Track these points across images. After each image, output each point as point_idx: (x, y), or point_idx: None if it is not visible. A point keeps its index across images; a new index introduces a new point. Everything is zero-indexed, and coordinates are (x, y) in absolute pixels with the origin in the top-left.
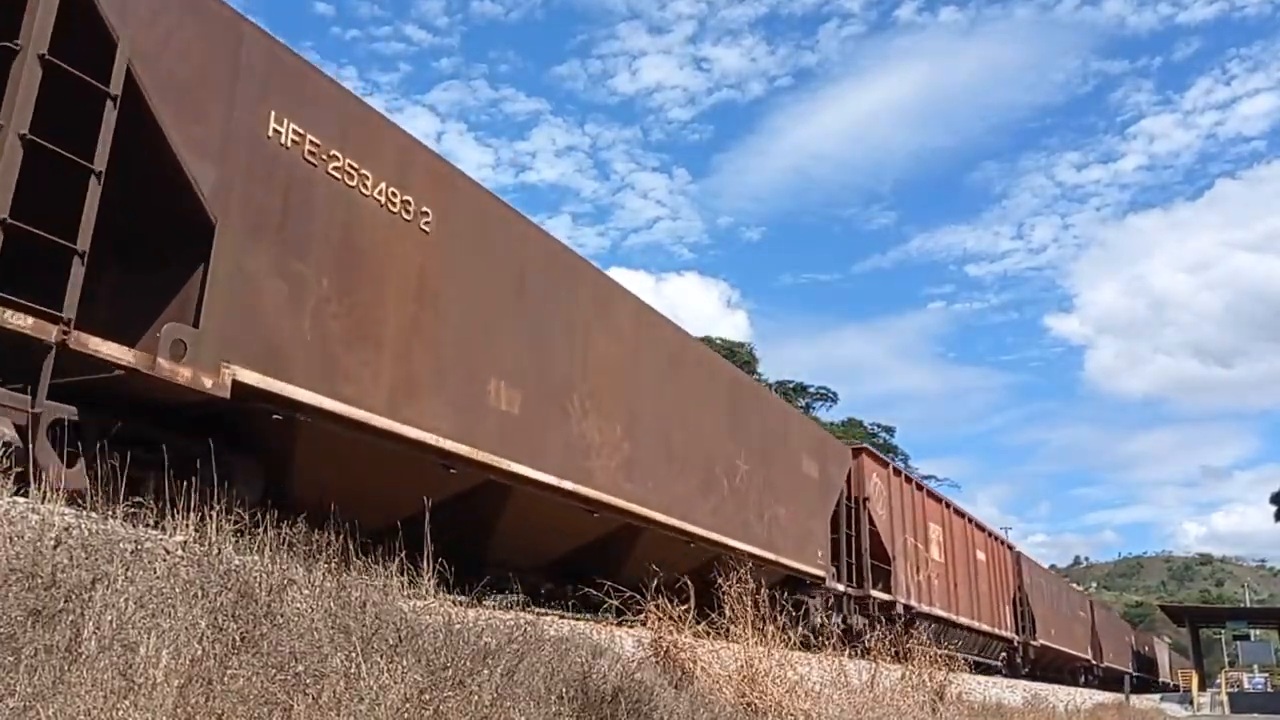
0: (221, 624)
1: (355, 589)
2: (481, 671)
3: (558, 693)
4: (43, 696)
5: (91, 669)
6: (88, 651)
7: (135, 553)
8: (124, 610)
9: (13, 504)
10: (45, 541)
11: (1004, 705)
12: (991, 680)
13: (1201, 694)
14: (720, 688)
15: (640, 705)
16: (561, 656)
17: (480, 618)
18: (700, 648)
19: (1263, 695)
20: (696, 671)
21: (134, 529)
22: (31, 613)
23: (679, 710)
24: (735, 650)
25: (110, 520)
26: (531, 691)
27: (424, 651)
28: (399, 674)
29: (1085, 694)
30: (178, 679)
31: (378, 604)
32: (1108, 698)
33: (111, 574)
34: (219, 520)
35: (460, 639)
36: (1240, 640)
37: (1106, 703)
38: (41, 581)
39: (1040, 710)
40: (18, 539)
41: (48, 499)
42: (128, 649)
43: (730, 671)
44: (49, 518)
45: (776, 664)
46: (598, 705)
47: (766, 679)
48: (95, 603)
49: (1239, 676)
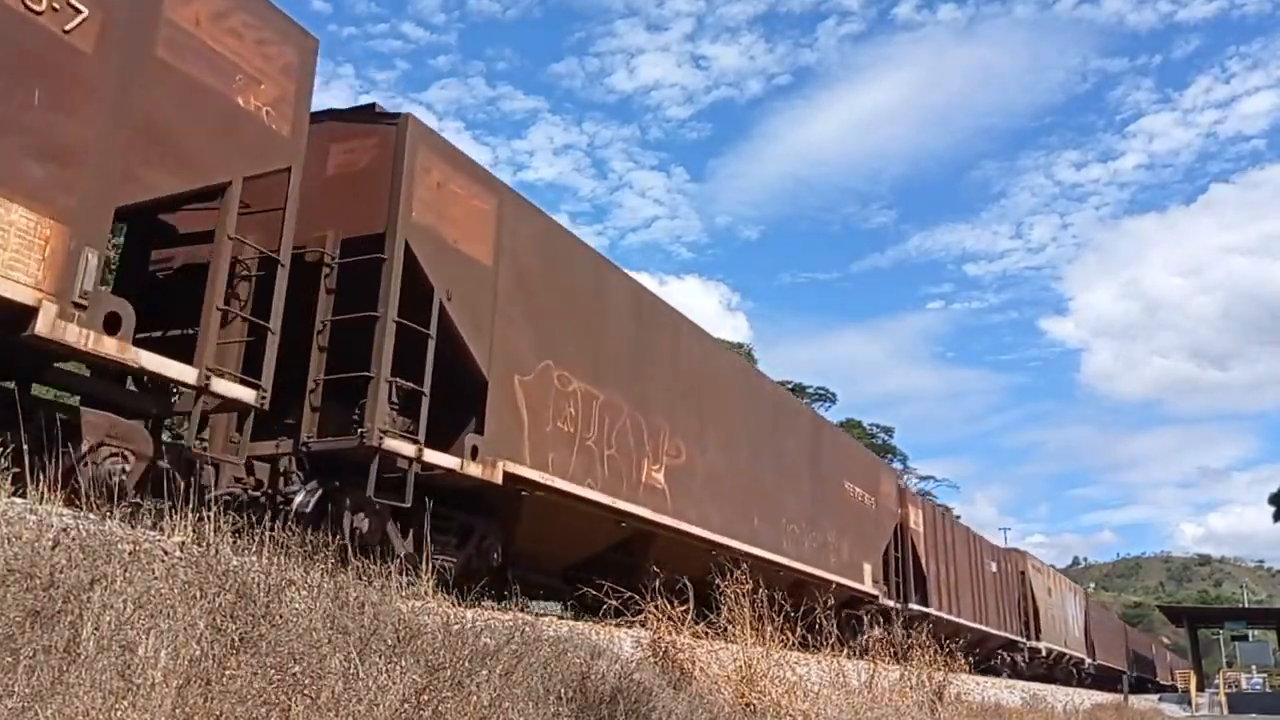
0: (220, 625)
1: (353, 590)
2: (480, 672)
3: (556, 693)
4: (41, 697)
5: (90, 669)
6: (86, 652)
7: (133, 554)
8: (122, 611)
9: (10, 504)
10: (43, 542)
11: (1003, 705)
12: (990, 680)
13: (1200, 694)
14: (719, 688)
15: (639, 705)
16: (560, 657)
17: (479, 618)
18: (699, 648)
19: (1261, 696)
20: (695, 672)
21: (132, 530)
22: (30, 613)
23: (677, 710)
24: (734, 651)
25: (108, 521)
26: (530, 692)
27: (422, 652)
28: (397, 674)
29: (1084, 694)
30: (176, 679)
31: (376, 604)
32: (1106, 698)
33: (110, 575)
34: (216, 521)
35: (459, 639)
36: (1238, 641)
37: (1105, 703)
38: (40, 582)
39: (1039, 710)
40: (16, 539)
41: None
42: (126, 649)
43: (729, 672)
44: (47, 518)
45: (775, 664)
46: (596, 706)
47: (765, 679)
48: (94, 603)
49: (1237, 677)
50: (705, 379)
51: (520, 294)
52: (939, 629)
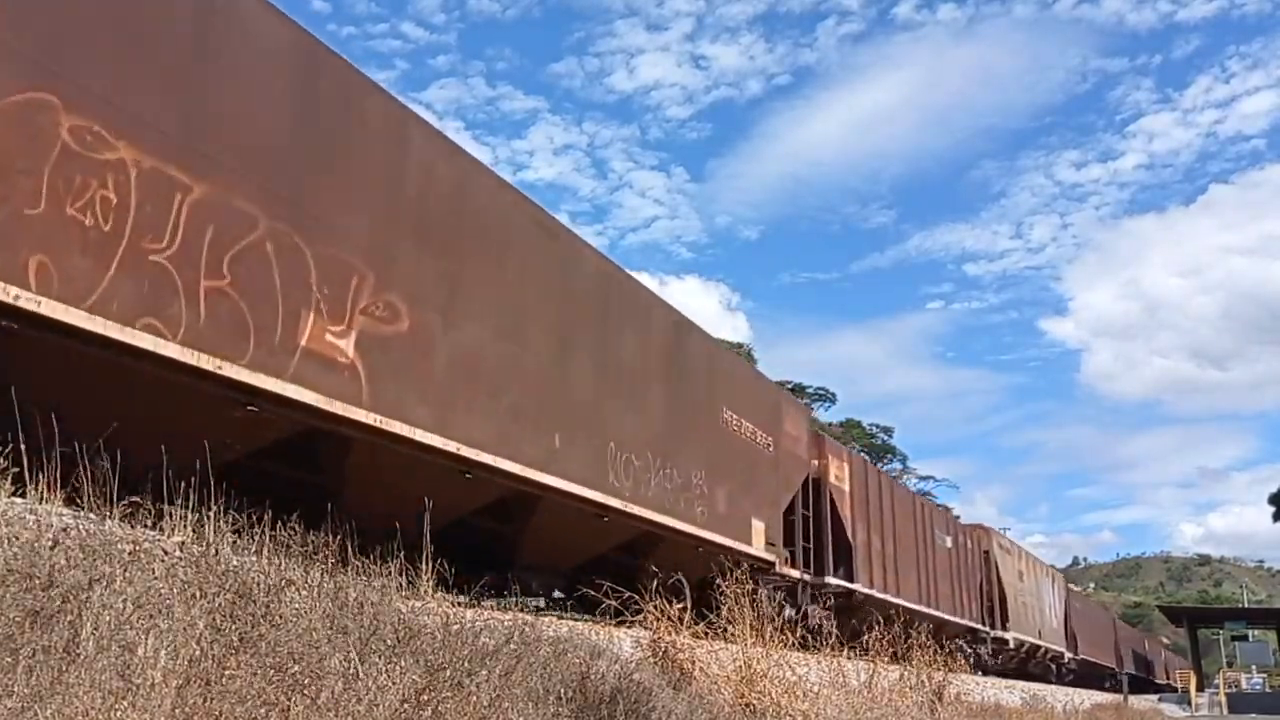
0: (219, 625)
1: (353, 589)
2: (479, 672)
3: (556, 693)
4: (41, 697)
5: (90, 670)
6: (86, 652)
7: (133, 554)
8: (122, 611)
9: (10, 504)
10: (43, 542)
11: (1002, 705)
12: (989, 681)
13: (1199, 695)
14: (719, 688)
15: (638, 706)
16: (559, 657)
17: (478, 618)
18: (699, 648)
19: (1261, 696)
20: (695, 672)
21: (131, 530)
22: (29, 613)
23: (677, 711)
24: (734, 651)
25: (108, 521)
26: (530, 692)
27: (422, 652)
28: (397, 674)
29: (1084, 694)
30: (176, 679)
31: (376, 604)
32: (1106, 698)
33: (109, 575)
34: (216, 521)
35: (458, 640)
36: (1238, 641)
37: (1105, 703)
38: (39, 582)
39: (1039, 710)
40: (15, 540)
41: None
42: (126, 650)
43: (729, 672)
44: (46, 518)
45: (775, 664)
46: (596, 706)
47: (764, 679)
48: (93, 603)
49: (1237, 677)
50: (465, 219)
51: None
52: (871, 612)
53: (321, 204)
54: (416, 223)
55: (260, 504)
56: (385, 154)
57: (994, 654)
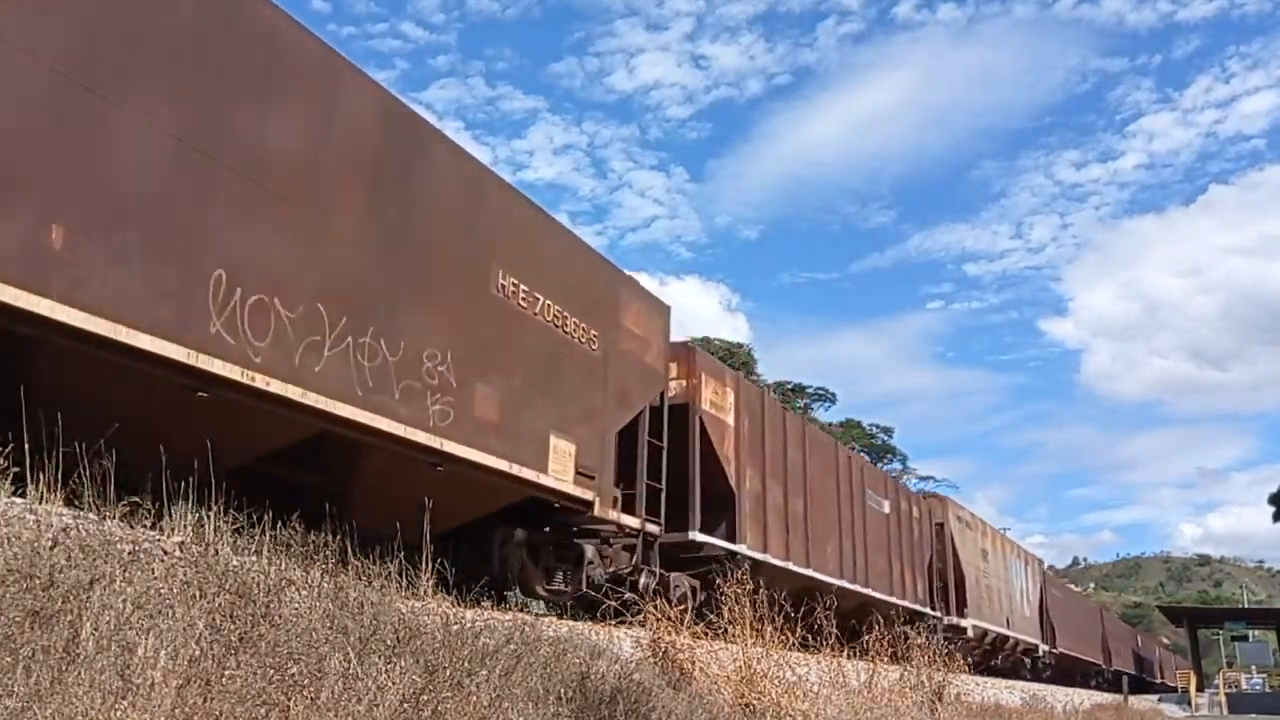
0: (219, 625)
1: (353, 589)
2: (479, 672)
3: (556, 693)
4: (40, 697)
5: (89, 670)
6: (85, 652)
7: (133, 554)
8: (122, 611)
9: (10, 504)
10: (43, 542)
11: (1002, 706)
12: (990, 680)
13: (1199, 695)
14: (718, 688)
15: (638, 706)
16: (559, 657)
17: (478, 618)
18: (699, 648)
19: (1261, 696)
20: (695, 672)
21: (131, 530)
22: (29, 613)
23: (677, 710)
24: (734, 651)
25: (107, 521)
26: (530, 692)
27: (422, 652)
28: (397, 675)
29: (1084, 694)
30: (176, 679)
31: (375, 604)
32: (1106, 698)
33: (109, 575)
34: (216, 521)
35: (458, 640)
36: (1238, 641)
37: (1105, 703)
38: (39, 582)
39: (1039, 710)
40: (15, 540)
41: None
42: (125, 650)
43: (729, 672)
44: (46, 518)
45: (775, 664)
46: (596, 706)
47: (764, 679)
48: (93, 603)
49: (1237, 677)
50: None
51: None
52: (764, 582)
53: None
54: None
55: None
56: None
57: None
